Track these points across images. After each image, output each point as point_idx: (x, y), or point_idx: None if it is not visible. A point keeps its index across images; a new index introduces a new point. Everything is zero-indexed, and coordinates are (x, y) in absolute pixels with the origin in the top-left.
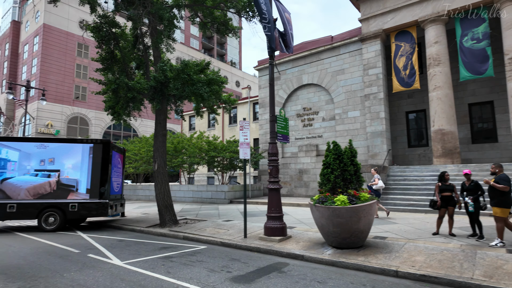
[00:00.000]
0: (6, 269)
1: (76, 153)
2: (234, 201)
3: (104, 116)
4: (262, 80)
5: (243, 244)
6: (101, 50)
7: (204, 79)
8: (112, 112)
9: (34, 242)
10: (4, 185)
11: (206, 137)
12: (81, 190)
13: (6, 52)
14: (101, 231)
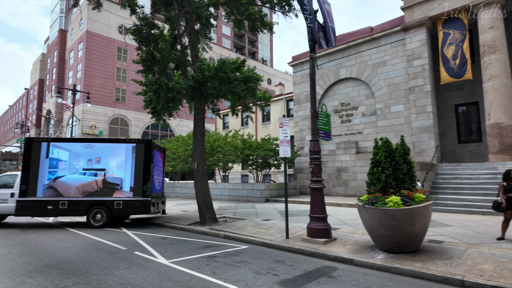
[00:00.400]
0: (61, 264)
1: (120, 153)
2: (271, 199)
3: (143, 117)
4: (297, 76)
5: (285, 245)
6: (142, 52)
7: (241, 77)
8: (153, 112)
9: (84, 238)
10: (56, 183)
11: (241, 136)
12: (125, 189)
13: (54, 59)
14: (144, 228)
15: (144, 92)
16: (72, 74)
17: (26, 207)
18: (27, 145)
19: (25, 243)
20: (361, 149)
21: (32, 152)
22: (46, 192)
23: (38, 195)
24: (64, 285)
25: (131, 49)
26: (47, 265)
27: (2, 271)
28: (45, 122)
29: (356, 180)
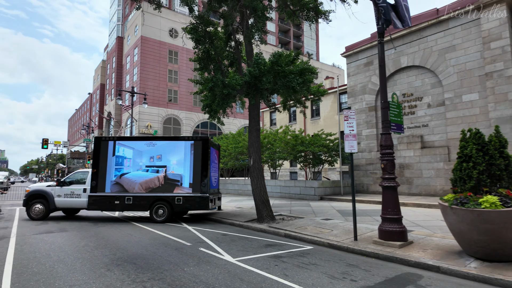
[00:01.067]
0: (134, 258)
1: (179, 150)
2: (325, 197)
3: (193, 116)
4: (352, 66)
5: (355, 247)
6: (198, 50)
7: (296, 70)
8: (209, 110)
9: (149, 233)
10: (122, 179)
11: (292, 131)
12: (184, 185)
13: (113, 64)
14: (203, 224)
15: (200, 91)
16: (129, 78)
17: (96, 202)
18: (96, 144)
19: (98, 236)
20: (427, 144)
21: (101, 151)
22: (113, 188)
23: (106, 190)
24: (140, 280)
25: (181, 51)
26: (121, 259)
27: (83, 263)
28: (106, 123)
29: (421, 177)
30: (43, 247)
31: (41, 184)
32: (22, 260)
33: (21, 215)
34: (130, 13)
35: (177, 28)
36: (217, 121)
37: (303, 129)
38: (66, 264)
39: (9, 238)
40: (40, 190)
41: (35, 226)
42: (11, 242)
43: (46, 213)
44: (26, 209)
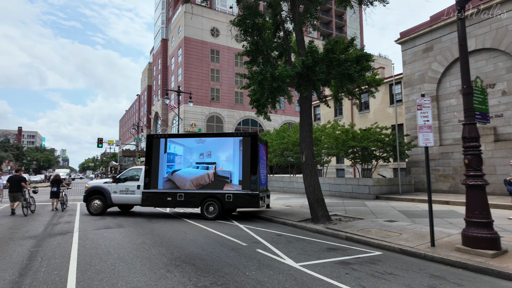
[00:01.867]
0: (191, 258)
1: (228, 146)
2: (381, 196)
3: (235, 114)
4: (408, 54)
5: (435, 255)
6: (247, 43)
7: (352, 57)
8: (257, 105)
9: (203, 231)
10: (174, 176)
11: (341, 126)
12: (234, 182)
13: (159, 66)
14: (254, 222)
15: (248, 85)
16: (173, 78)
17: (150, 198)
18: (148, 141)
19: (153, 233)
20: (501, 136)
21: (153, 148)
22: (165, 184)
23: (159, 187)
24: (202, 284)
25: (223, 50)
26: (179, 259)
27: (143, 263)
28: (154, 122)
29: (495, 174)
30: (103, 243)
31: (99, 181)
32: (85, 257)
33: (81, 210)
34: (174, 15)
35: (219, 27)
36: (263, 117)
37: (350, 123)
38: (126, 262)
39: (72, 233)
40: (98, 186)
41: (94, 221)
42: (74, 237)
43: (104, 208)
44: (86, 205)
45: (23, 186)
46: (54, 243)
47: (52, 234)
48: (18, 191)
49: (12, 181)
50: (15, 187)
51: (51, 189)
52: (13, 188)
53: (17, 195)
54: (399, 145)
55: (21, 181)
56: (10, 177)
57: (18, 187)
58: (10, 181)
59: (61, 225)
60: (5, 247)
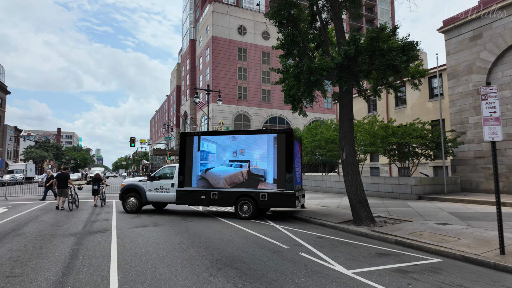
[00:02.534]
0: (233, 261)
1: (262, 144)
2: (424, 197)
3: (262, 112)
4: (452, 43)
5: (509, 265)
6: (282, 35)
7: (397, 46)
8: (292, 100)
9: (239, 231)
10: (207, 174)
11: (380, 122)
12: (268, 180)
13: (187, 66)
14: (290, 223)
15: (281, 80)
16: (202, 78)
17: (184, 196)
18: (181, 139)
19: (190, 232)
20: None
21: (186, 146)
22: (199, 182)
23: (193, 185)
24: None
25: (250, 48)
26: (220, 261)
27: (184, 265)
28: (183, 122)
29: None
30: (141, 242)
31: (134, 179)
32: (125, 257)
33: (117, 207)
34: (201, 15)
35: (245, 25)
36: (299, 112)
37: (390, 119)
38: (166, 264)
39: (110, 231)
40: (134, 184)
41: (130, 219)
42: (112, 235)
43: (139, 206)
44: (122, 202)
45: (69, 182)
46: (94, 241)
47: (92, 232)
48: (65, 187)
49: (60, 178)
50: (62, 184)
51: (93, 187)
52: (60, 184)
53: (64, 191)
54: (444, 141)
55: (67, 178)
56: (58, 175)
57: (65, 184)
58: (58, 177)
59: (99, 223)
60: (48, 245)
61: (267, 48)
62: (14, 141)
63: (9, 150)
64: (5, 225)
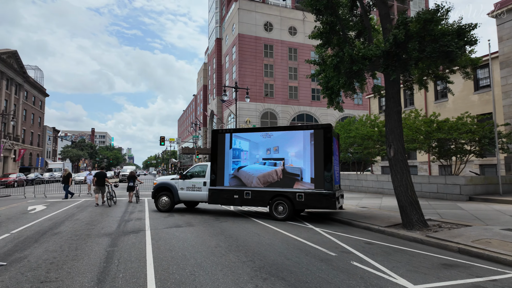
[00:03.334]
0: (278, 270)
1: (298, 141)
2: (476, 198)
3: (289, 109)
4: (505, 28)
5: None
6: (320, 23)
7: (452, 30)
8: (330, 93)
9: (277, 233)
10: (240, 173)
11: (423, 116)
12: (305, 180)
13: (214, 66)
14: (329, 225)
15: (318, 72)
16: (228, 77)
17: (216, 196)
18: (213, 137)
19: (225, 234)
20: None
21: (218, 143)
22: (231, 181)
23: (225, 184)
24: None
25: (276, 44)
26: (264, 269)
27: (224, 272)
28: (210, 120)
29: None
30: (176, 244)
31: (166, 178)
32: (161, 261)
33: (149, 206)
34: (227, 13)
35: (272, 21)
36: (335, 107)
37: (434, 113)
38: (205, 270)
39: (144, 231)
40: (166, 183)
41: (163, 218)
42: (147, 236)
43: (171, 205)
44: (154, 201)
45: (106, 180)
46: (128, 243)
47: (126, 232)
48: (102, 185)
49: (98, 176)
50: (100, 181)
51: (128, 184)
52: (99, 182)
53: (102, 188)
54: (503, 136)
55: (105, 177)
56: (97, 173)
57: (102, 181)
58: (96, 176)
59: (133, 222)
60: (83, 245)
61: (294, 44)
62: (53, 141)
63: (48, 149)
64: (43, 223)
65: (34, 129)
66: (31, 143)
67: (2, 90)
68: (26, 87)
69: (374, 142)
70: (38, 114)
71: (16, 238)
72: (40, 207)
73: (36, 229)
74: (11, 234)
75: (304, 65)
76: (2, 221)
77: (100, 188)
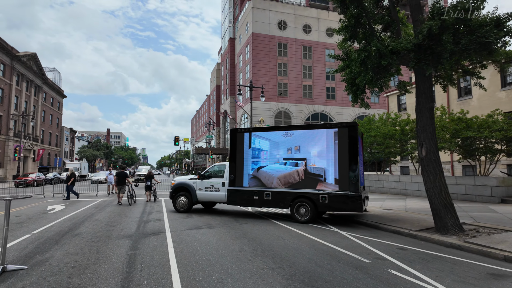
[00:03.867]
0: (312, 279)
1: (321, 140)
2: (509, 200)
3: (303, 108)
4: None
5: None
6: (344, 16)
7: (491, 19)
8: (355, 89)
9: (301, 237)
10: (259, 173)
11: (451, 113)
12: (329, 180)
13: (227, 65)
14: (355, 229)
15: (341, 67)
16: (241, 76)
17: (235, 196)
18: (232, 136)
19: (247, 236)
20: None
21: (237, 143)
22: (250, 182)
23: (244, 185)
24: None
25: (290, 42)
26: (296, 278)
27: (254, 280)
28: (223, 120)
29: None
30: (199, 248)
31: (184, 177)
32: (186, 267)
33: (167, 206)
34: (240, 12)
35: (286, 19)
36: (360, 104)
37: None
38: (234, 278)
39: (165, 233)
40: (184, 183)
41: (182, 219)
42: (168, 239)
43: (190, 205)
44: (172, 201)
45: (127, 180)
46: (150, 246)
47: (146, 234)
48: (123, 184)
49: (119, 175)
50: (121, 181)
51: (146, 183)
52: (120, 181)
53: (123, 187)
54: None
55: (126, 177)
56: (117, 173)
57: (124, 181)
58: (117, 175)
59: (152, 223)
60: (104, 248)
61: (308, 42)
62: (70, 141)
63: (66, 149)
64: (63, 223)
65: (52, 129)
66: (49, 143)
67: (22, 91)
68: (45, 88)
69: (395, 141)
70: (56, 115)
71: (37, 239)
72: (59, 206)
73: (56, 230)
74: (32, 235)
75: (319, 63)
76: (23, 221)
77: (121, 187)
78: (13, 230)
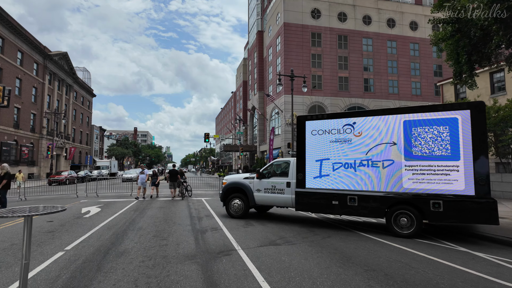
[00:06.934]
0: None
1: (439, 127)
2: None
3: (339, 102)
4: None
5: None
6: None
7: None
8: (467, 59)
9: (422, 259)
10: (338, 171)
11: None
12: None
13: (254, 60)
14: (484, 246)
15: (439, 37)
16: (271, 69)
17: (307, 200)
18: (299, 125)
19: (352, 260)
20: None
21: (306, 134)
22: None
23: (317, 185)
24: None
25: (325, 32)
26: None
27: None
28: (250, 117)
29: None
30: (294, 276)
31: (238, 176)
32: None
33: (212, 207)
34: (269, 3)
35: (319, 7)
36: (470, 85)
37: None
38: None
39: (236, 250)
40: (238, 183)
41: (243, 228)
42: (247, 262)
43: (246, 210)
44: (224, 204)
45: (178, 178)
46: (229, 275)
47: (212, 253)
48: (175, 181)
49: (171, 173)
50: (173, 178)
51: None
52: (172, 178)
53: (174, 184)
54: None
55: (177, 174)
56: (170, 170)
57: (175, 178)
58: (170, 173)
59: (211, 234)
60: (166, 280)
61: (344, 31)
62: (99, 140)
63: (95, 148)
64: (102, 233)
65: (83, 128)
66: (80, 142)
67: (55, 90)
68: (76, 87)
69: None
70: (86, 113)
71: (72, 260)
72: (94, 209)
73: (95, 245)
74: (65, 253)
75: (355, 53)
76: (55, 229)
77: (173, 184)
78: (43, 243)
